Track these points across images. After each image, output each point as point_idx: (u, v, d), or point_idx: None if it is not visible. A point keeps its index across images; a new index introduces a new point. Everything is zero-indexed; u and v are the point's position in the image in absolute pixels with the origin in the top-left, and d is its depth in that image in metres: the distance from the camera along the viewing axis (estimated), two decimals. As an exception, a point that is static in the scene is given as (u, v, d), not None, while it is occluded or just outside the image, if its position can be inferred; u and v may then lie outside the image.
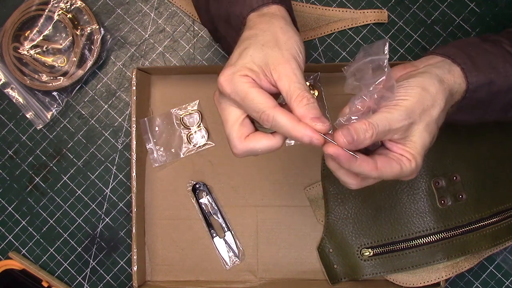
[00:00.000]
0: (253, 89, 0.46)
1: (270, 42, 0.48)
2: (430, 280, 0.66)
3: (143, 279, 0.71)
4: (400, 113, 0.46)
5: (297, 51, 0.49)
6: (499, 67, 0.51)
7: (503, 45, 0.53)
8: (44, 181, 0.75)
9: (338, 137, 0.45)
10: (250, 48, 0.48)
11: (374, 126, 0.46)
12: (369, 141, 0.46)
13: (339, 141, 0.45)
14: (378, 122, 0.46)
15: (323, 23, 0.74)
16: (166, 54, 0.76)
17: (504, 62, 0.51)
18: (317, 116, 0.46)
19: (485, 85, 0.50)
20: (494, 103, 0.53)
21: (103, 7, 0.77)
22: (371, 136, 0.45)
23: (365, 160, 0.46)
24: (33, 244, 0.75)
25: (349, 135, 0.45)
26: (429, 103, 0.47)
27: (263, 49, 0.48)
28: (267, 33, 0.49)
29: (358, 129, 0.45)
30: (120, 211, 0.75)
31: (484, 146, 0.67)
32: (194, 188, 0.72)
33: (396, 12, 0.74)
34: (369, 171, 0.46)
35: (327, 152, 0.46)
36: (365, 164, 0.46)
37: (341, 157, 0.45)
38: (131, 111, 0.70)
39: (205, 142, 0.73)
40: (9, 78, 0.75)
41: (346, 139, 0.45)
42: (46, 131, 0.76)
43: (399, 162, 0.47)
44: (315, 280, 0.71)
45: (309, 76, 0.72)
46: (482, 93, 0.51)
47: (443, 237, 0.65)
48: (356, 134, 0.45)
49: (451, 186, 0.65)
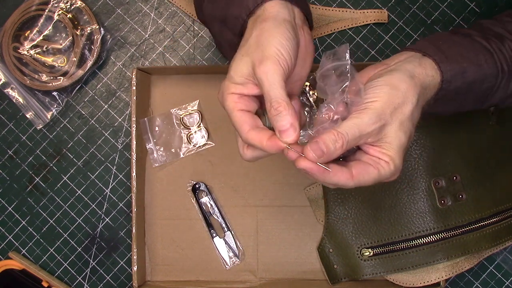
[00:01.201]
0: (234, 112, 0.48)
1: (253, 45, 0.49)
2: (430, 280, 0.66)
3: (143, 279, 0.71)
4: (370, 117, 0.46)
5: (277, 48, 0.47)
6: (471, 56, 0.50)
7: (474, 37, 0.53)
8: (44, 181, 0.75)
9: (307, 152, 0.45)
10: (237, 57, 0.49)
11: (344, 135, 0.45)
12: (340, 151, 0.45)
13: (309, 156, 0.45)
14: (347, 130, 0.45)
15: (323, 23, 0.74)
16: (166, 54, 0.76)
17: (475, 51, 0.51)
18: (282, 129, 0.46)
19: (458, 74, 0.50)
20: (470, 94, 0.52)
21: (103, 7, 0.77)
22: (342, 146, 0.45)
23: (339, 171, 0.46)
24: (33, 244, 0.75)
25: (319, 149, 0.45)
26: (400, 100, 0.47)
27: (249, 54, 0.49)
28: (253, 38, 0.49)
29: (327, 141, 0.45)
30: (120, 211, 0.75)
31: (484, 146, 0.67)
32: (194, 188, 0.72)
33: (396, 12, 0.74)
34: (345, 181, 0.46)
35: (298, 167, 0.46)
36: (340, 174, 0.46)
37: (313, 171, 0.46)
38: (131, 111, 0.70)
39: (205, 142, 0.73)
40: (9, 78, 0.75)
41: (316, 154, 0.45)
42: (46, 131, 0.76)
43: (376, 166, 0.47)
44: (315, 280, 0.71)
45: (309, 76, 0.72)
46: (457, 83, 0.50)
47: (443, 237, 0.65)
48: (326, 147, 0.45)
49: (451, 186, 0.65)
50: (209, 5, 0.57)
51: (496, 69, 0.51)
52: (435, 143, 0.66)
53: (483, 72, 0.51)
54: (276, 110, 0.46)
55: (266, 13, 0.51)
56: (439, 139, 0.66)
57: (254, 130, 0.48)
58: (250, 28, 0.51)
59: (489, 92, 0.53)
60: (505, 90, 0.53)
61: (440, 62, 0.49)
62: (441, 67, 0.49)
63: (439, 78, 0.49)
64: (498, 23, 0.55)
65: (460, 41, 0.52)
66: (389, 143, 0.47)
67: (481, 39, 0.52)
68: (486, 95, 0.53)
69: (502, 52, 0.51)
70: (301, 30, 0.53)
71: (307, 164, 0.45)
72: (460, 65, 0.50)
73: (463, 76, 0.50)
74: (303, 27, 0.53)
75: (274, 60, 0.47)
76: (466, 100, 0.53)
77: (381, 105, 0.46)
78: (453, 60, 0.50)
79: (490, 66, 0.51)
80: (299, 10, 0.53)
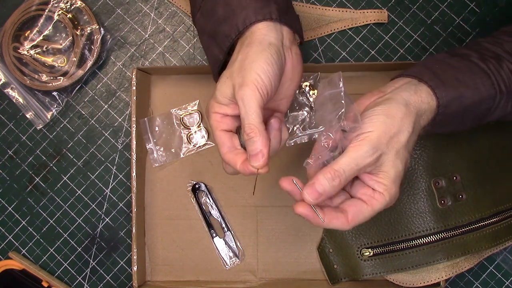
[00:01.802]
0: (216, 131, 0.53)
1: (237, 69, 0.51)
2: (430, 280, 0.66)
3: (143, 279, 0.71)
4: (366, 150, 0.46)
5: (257, 74, 0.49)
6: (467, 80, 0.50)
7: (471, 58, 0.52)
8: (44, 181, 0.75)
9: (304, 196, 0.47)
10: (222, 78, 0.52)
11: (340, 173, 0.46)
12: (338, 188, 0.47)
13: (306, 199, 0.47)
14: (344, 168, 0.47)
15: (323, 23, 0.74)
16: (166, 54, 0.76)
17: (471, 75, 0.51)
18: (252, 154, 0.49)
19: (455, 99, 0.50)
20: (467, 116, 0.53)
21: (103, 7, 0.77)
22: (339, 184, 0.47)
23: (335, 217, 0.48)
24: (33, 244, 0.75)
25: (315, 191, 0.47)
26: (396, 129, 0.47)
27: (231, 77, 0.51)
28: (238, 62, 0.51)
29: (323, 181, 0.47)
30: (120, 211, 0.75)
31: (484, 146, 0.67)
32: (194, 188, 0.72)
33: (396, 12, 0.74)
34: (341, 225, 0.48)
35: (297, 212, 0.48)
36: (335, 221, 0.48)
37: (309, 218, 0.48)
38: (131, 111, 0.70)
39: (205, 142, 0.73)
40: (9, 78, 0.75)
41: (313, 197, 0.47)
42: (46, 131, 0.76)
43: (370, 202, 0.48)
44: (315, 280, 0.71)
45: (309, 76, 0.72)
46: (454, 107, 0.50)
47: (443, 237, 0.65)
48: (322, 187, 0.47)
49: (451, 186, 0.65)
50: (201, 18, 0.58)
51: (493, 91, 0.51)
52: (435, 143, 0.66)
53: (480, 95, 0.51)
54: (248, 136, 0.49)
55: (253, 36, 0.52)
56: (439, 139, 0.66)
57: (231, 153, 0.52)
58: (237, 51, 0.53)
59: (487, 113, 0.53)
60: (504, 109, 0.53)
61: (435, 88, 0.50)
62: (436, 93, 0.50)
63: (435, 104, 0.50)
64: (497, 43, 0.54)
65: (457, 65, 0.52)
66: (386, 172, 0.48)
67: (478, 61, 0.52)
68: (484, 115, 0.53)
69: (499, 74, 0.51)
70: (289, 51, 0.53)
71: (304, 211, 0.48)
72: (456, 90, 0.50)
73: (460, 100, 0.50)
74: (291, 48, 0.54)
75: (252, 87, 0.48)
76: (464, 121, 0.54)
77: (377, 135, 0.47)
78: (449, 85, 0.50)
79: (487, 88, 0.51)
80: (288, 29, 0.54)
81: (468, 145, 0.67)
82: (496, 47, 0.54)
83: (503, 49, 0.53)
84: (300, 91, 0.72)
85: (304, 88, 0.72)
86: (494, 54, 0.53)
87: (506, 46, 0.54)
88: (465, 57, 0.53)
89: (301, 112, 0.72)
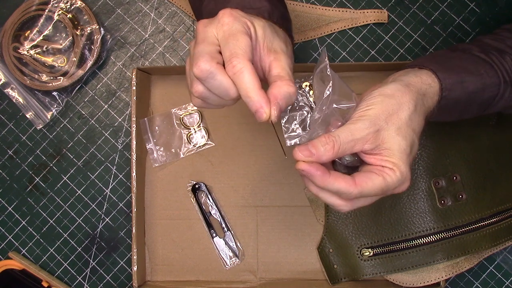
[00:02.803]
0: (245, 36, 0.46)
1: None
2: (430, 280, 0.66)
3: (143, 279, 0.71)
4: (364, 122, 0.46)
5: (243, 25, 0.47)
6: (469, 67, 0.51)
7: (473, 51, 0.53)
8: (44, 181, 0.75)
9: (295, 153, 0.45)
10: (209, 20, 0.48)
11: (335, 137, 0.45)
12: (331, 153, 0.45)
13: (296, 156, 0.45)
14: (339, 133, 0.46)
15: (323, 23, 0.74)
16: (166, 54, 0.76)
17: (474, 63, 0.51)
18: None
19: (458, 83, 0.50)
20: (472, 102, 0.52)
21: (103, 7, 0.77)
22: (333, 148, 0.45)
23: (340, 176, 0.45)
24: (33, 244, 0.75)
25: (306, 149, 0.45)
26: (394, 107, 0.47)
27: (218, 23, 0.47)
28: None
29: (316, 142, 0.45)
30: (120, 211, 0.75)
31: (484, 146, 0.67)
32: (194, 188, 0.72)
33: (396, 12, 0.74)
34: (347, 187, 0.45)
35: (298, 167, 0.45)
36: (341, 179, 0.45)
37: (312, 172, 0.45)
38: (131, 111, 0.70)
39: (205, 142, 0.73)
40: (9, 78, 0.75)
41: (303, 153, 0.45)
42: (46, 131, 0.76)
43: (380, 173, 0.46)
44: (315, 280, 0.71)
45: (309, 76, 0.72)
46: (458, 92, 0.50)
47: (443, 237, 0.65)
48: (315, 148, 0.45)
49: (451, 186, 0.65)
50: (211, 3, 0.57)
51: (497, 79, 0.51)
52: (435, 143, 0.66)
53: (483, 81, 0.51)
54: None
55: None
56: (439, 139, 0.66)
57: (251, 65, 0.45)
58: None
59: (491, 101, 0.53)
60: (509, 100, 0.53)
61: (437, 71, 0.50)
62: (438, 75, 0.50)
63: (438, 86, 0.50)
64: (498, 39, 0.55)
65: (459, 56, 0.53)
66: (389, 149, 0.46)
67: (480, 53, 0.52)
68: (488, 104, 0.53)
69: (502, 65, 0.51)
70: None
71: (306, 166, 0.45)
72: (458, 74, 0.50)
73: (463, 85, 0.50)
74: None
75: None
76: (468, 108, 0.53)
77: (375, 112, 0.46)
78: (450, 71, 0.50)
79: (491, 75, 0.51)
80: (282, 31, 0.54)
81: (468, 145, 0.67)
82: (498, 42, 0.54)
83: (506, 44, 0.54)
84: (300, 91, 0.72)
85: (304, 88, 0.72)
86: (496, 48, 0.53)
87: (508, 42, 0.54)
88: (466, 51, 0.53)
89: (301, 112, 0.72)
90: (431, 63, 0.51)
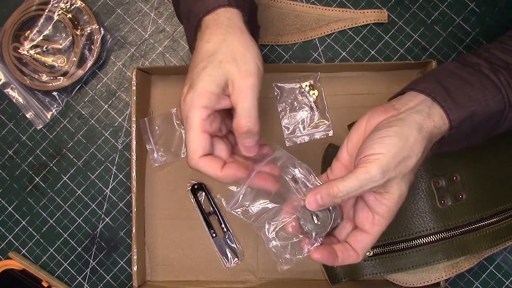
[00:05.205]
0: (195, 130, 0.48)
1: (228, 56, 0.49)
2: (430, 280, 0.66)
3: (143, 279, 0.71)
4: (375, 174, 0.46)
5: (256, 64, 0.49)
6: (479, 97, 0.50)
7: (482, 68, 0.52)
8: (44, 181, 0.75)
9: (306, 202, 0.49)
10: (209, 67, 0.49)
11: (344, 194, 0.47)
12: (337, 203, 0.49)
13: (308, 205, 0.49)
14: (348, 190, 0.47)
15: (323, 23, 0.74)
16: (166, 54, 0.76)
17: (482, 90, 0.50)
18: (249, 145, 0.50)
19: (467, 119, 0.50)
20: (477, 132, 0.52)
21: (103, 7, 0.77)
22: (341, 202, 0.48)
23: (347, 256, 0.51)
24: (33, 244, 0.75)
25: (316, 203, 0.49)
26: (406, 154, 0.47)
27: (221, 66, 0.48)
28: (224, 47, 0.49)
29: (325, 199, 0.48)
30: (120, 211, 0.75)
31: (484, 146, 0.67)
32: (194, 188, 0.72)
33: (396, 12, 0.74)
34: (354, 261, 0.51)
35: (313, 257, 0.50)
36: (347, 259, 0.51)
37: (324, 260, 0.50)
38: (131, 111, 0.70)
39: (205, 142, 0.73)
40: (9, 78, 0.75)
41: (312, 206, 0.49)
42: (46, 131, 0.76)
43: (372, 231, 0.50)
44: (315, 280, 0.71)
45: (309, 76, 0.72)
46: (466, 126, 0.50)
47: (443, 237, 0.65)
48: (323, 202, 0.49)
49: (451, 186, 0.65)
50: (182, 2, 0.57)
51: (503, 105, 0.50)
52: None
53: (490, 111, 0.50)
54: (248, 131, 0.49)
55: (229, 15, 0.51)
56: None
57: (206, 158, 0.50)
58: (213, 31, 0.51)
59: (496, 126, 0.53)
60: None
61: (448, 109, 0.49)
62: (449, 115, 0.49)
63: (447, 126, 0.49)
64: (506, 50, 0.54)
65: (469, 79, 0.51)
66: (391, 194, 0.48)
67: (489, 72, 0.51)
68: (493, 129, 0.53)
69: (509, 85, 0.51)
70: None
71: (319, 256, 0.50)
72: (468, 109, 0.49)
73: (471, 119, 0.50)
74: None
75: (255, 74, 0.48)
76: (472, 138, 0.53)
77: (387, 159, 0.46)
78: (461, 105, 0.49)
79: (497, 102, 0.50)
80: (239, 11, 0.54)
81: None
82: (506, 55, 0.53)
83: None
84: (300, 91, 0.72)
85: (304, 88, 0.72)
86: (504, 63, 0.52)
87: None
88: (476, 66, 0.52)
89: (301, 112, 0.72)
90: (443, 97, 0.49)
